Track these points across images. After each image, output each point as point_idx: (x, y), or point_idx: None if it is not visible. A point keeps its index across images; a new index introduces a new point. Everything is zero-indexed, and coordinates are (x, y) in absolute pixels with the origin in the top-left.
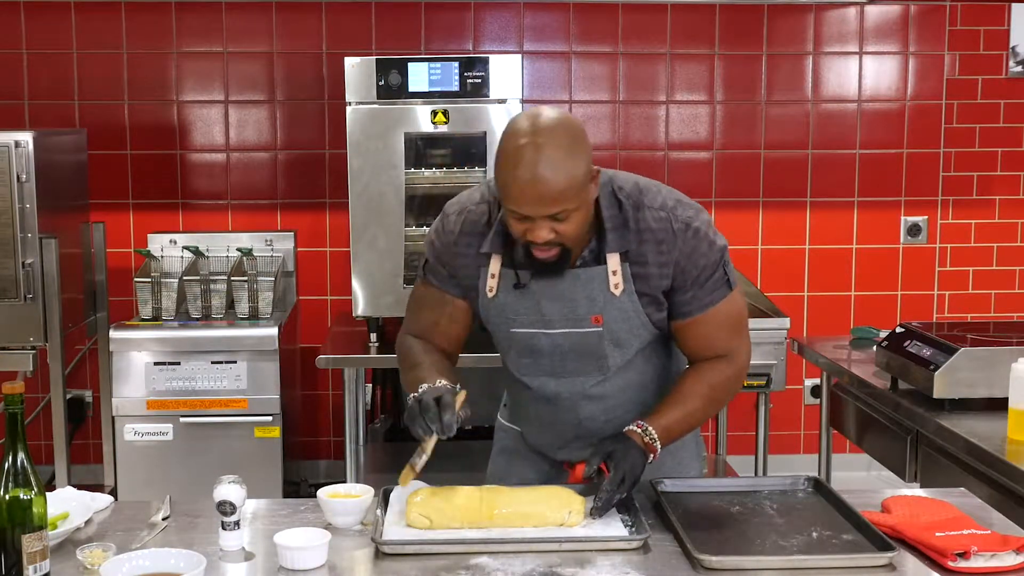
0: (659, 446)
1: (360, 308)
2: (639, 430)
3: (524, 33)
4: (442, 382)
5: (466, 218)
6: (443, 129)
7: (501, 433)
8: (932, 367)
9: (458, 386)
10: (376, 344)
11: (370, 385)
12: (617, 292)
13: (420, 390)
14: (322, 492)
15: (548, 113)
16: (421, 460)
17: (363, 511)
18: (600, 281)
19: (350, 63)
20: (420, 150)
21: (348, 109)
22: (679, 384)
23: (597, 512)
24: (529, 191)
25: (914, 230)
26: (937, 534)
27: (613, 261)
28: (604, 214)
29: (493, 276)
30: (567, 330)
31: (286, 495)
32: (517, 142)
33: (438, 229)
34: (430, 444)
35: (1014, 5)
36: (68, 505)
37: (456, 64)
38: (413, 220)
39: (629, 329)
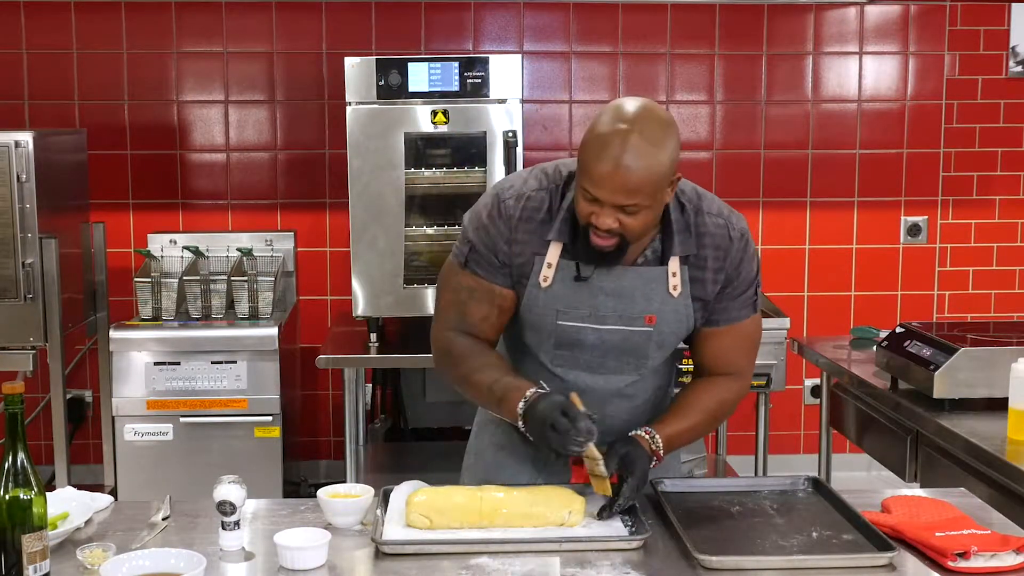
0: (662, 454)
1: (360, 308)
2: (647, 436)
3: (524, 33)
4: (532, 389)
5: (526, 204)
6: (443, 129)
7: (490, 427)
8: (932, 367)
9: (543, 385)
10: (376, 344)
11: (370, 385)
12: (675, 294)
13: (522, 405)
14: (322, 492)
15: (649, 105)
16: (601, 465)
17: (363, 511)
18: (660, 282)
19: (350, 63)
20: (420, 150)
21: (348, 109)
22: (688, 395)
23: (607, 514)
24: (610, 177)
25: (914, 230)
26: (937, 534)
27: (674, 263)
28: (672, 216)
29: (550, 265)
30: (618, 327)
31: (286, 495)
32: (615, 125)
33: (491, 215)
34: (593, 450)
35: (1014, 5)
36: (68, 505)
37: (456, 64)
38: (413, 220)
39: (676, 332)
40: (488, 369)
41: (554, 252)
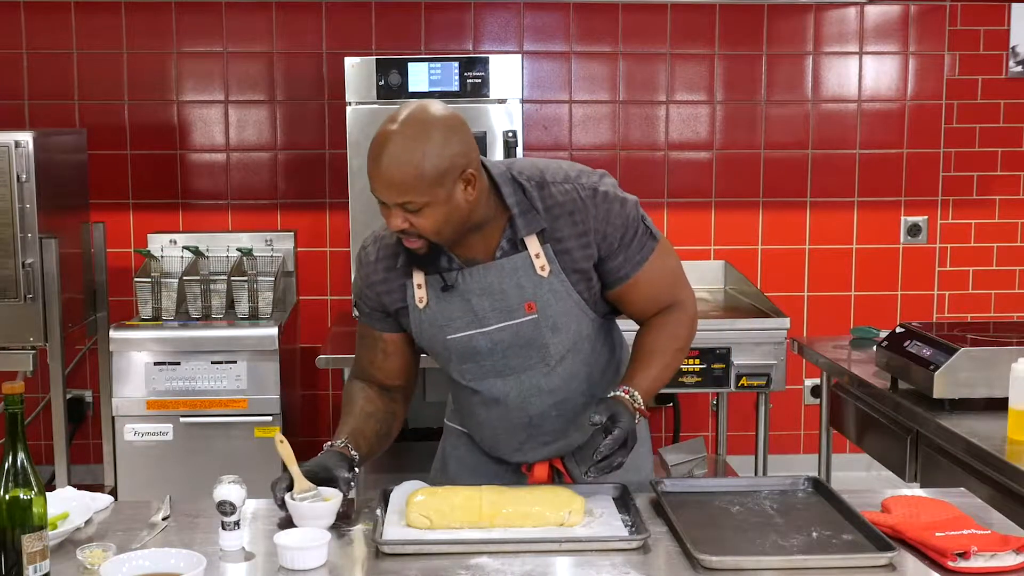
0: (644, 407)
1: None
2: (626, 395)
3: (524, 33)
4: (340, 443)
5: (381, 244)
6: None
7: (452, 439)
8: (932, 367)
9: (353, 452)
10: None
11: None
12: (544, 274)
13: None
14: (288, 496)
15: (423, 105)
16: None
17: (333, 515)
18: (525, 267)
19: (350, 63)
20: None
21: (348, 109)
22: (640, 344)
23: (594, 470)
24: (378, 177)
25: (914, 230)
26: (937, 534)
27: (533, 244)
28: (508, 201)
29: (420, 287)
30: (502, 324)
31: None
32: (384, 128)
33: (358, 264)
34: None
35: (1014, 5)
36: (68, 505)
37: (456, 64)
38: None
39: (564, 311)
40: (341, 420)
41: (418, 275)
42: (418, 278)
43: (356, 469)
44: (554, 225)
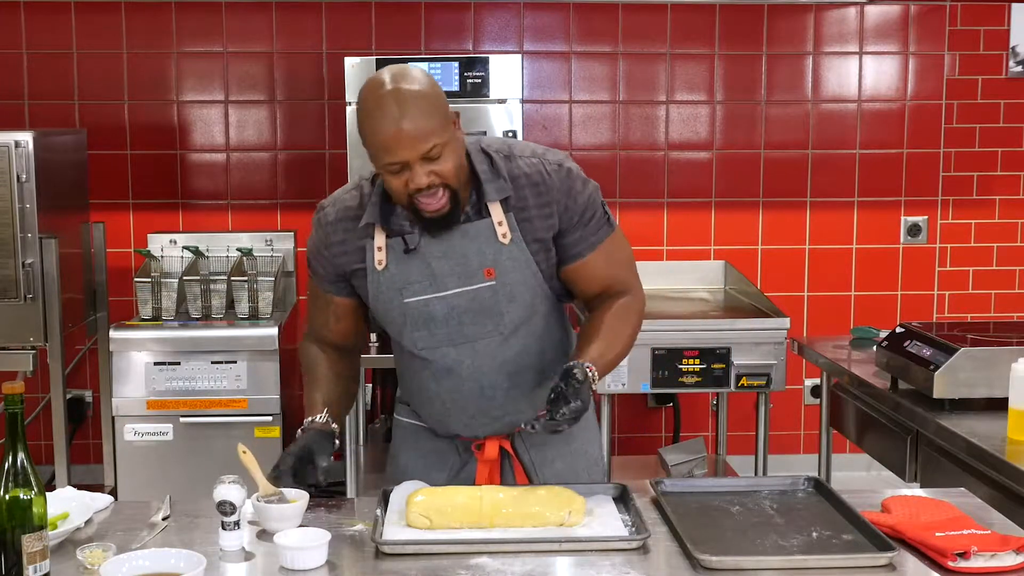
0: (598, 377)
1: None
2: (579, 365)
3: (524, 33)
4: (321, 418)
5: (340, 206)
6: None
7: (400, 432)
8: (932, 367)
9: (333, 425)
10: (376, 344)
11: (370, 385)
12: (506, 241)
13: (302, 429)
14: (254, 497)
15: (396, 67)
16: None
17: (299, 516)
18: (488, 233)
19: (350, 63)
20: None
21: (348, 109)
22: (592, 321)
23: (540, 426)
24: (397, 136)
25: (914, 230)
26: (937, 534)
27: (496, 212)
28: (477, 169)
29: (380, 248)
30: (461, 289)
31: None
32: (376, 94)
33: (315, 226)
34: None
35: (1014, 5)
36: (68, 505)
37: (456, 64)
38: None
39: (522, 280)
40: (311, 385)
41: (380, 236)
42: (379, 240)
43: (337, 442)
44: (519, 195)
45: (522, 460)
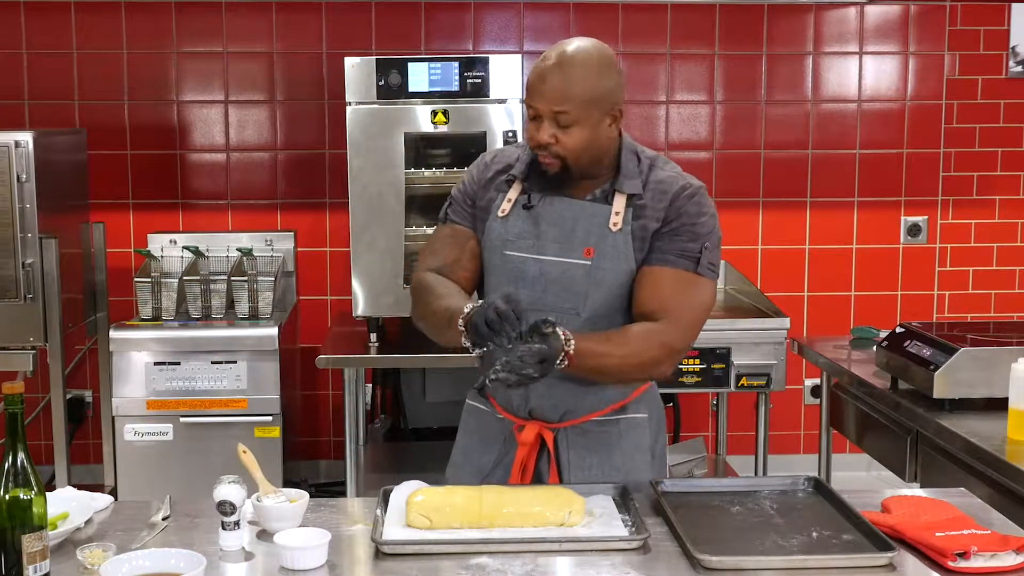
0: (567, 362)
1: (360, 308)
2: (563, 335)
3: (524, 33)
4: (480, 301)
5: (500, 156)
6: (443, 129)
7: (466, 415)
8: (932, 367)
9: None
10: (376, 344)
11: (370, 385)
12: (614, 229)
13: (465, 314)
14: (254, 497)
15: (593, 41)
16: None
17: (299, 516)
18: (602, 217)
19: (350, 63)
20: (420, 150)
21: (348, 109)
22: (614, 330)
23: (496, 375)
24: (540, 83)
25: (914, 230)
26: (937, 534)
27: (619, 203)
28: (623, 162)
29: (509, 200)
30: (557, 258)
31: None
32: (557, 48)
33: (473, 168)
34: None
35: (1014, 5)
36: (68, 505)
37: (456, 64)
38: (413, 220)
39: (615, 270)
40: (449, 297)
41: (515, 190)
42: (512, 192)
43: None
44: (646, 195)
45: (559, 457)
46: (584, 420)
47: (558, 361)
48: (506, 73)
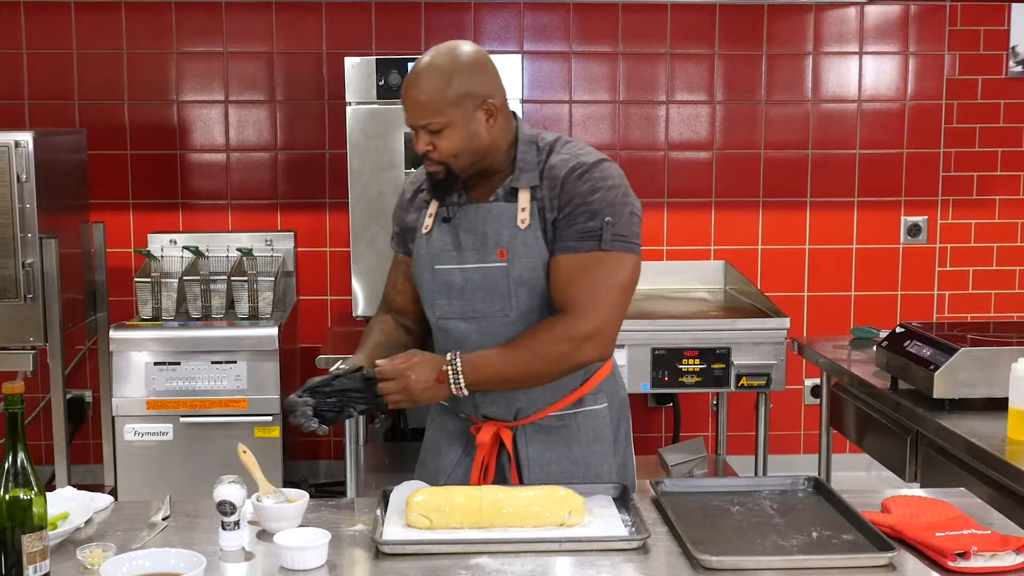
0: (463, 384)
1: (360, 308)
2: (447, 367)
3: (524, 33)
4: (338, 367)
5: (416, 176)
6: None
7: (433, 411)
8: (932, 367)
9: (361, 366)
10: None
11: None
12: (523, 226)
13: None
14: (254, 497)
15: (455, 41)
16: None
17: (299, 516)
18: (509, 216)
19: (350, 63)
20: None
21: (348, 109)
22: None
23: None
24: (405, 99)
25: (914, 230)
26: (937, 534)
27: (523, 198)
28: (519, 156)
29: (430, 216)
30: (476, 264)
31: None
32: (417, 61)
33: (401, 191)
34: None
35: (1014, 5)
36: (68, 505)
37: None
38: None
39: (532, 267)
40: (362, 343)
41: (433, 205)
42: (432, 208)
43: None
44: (542, 185)
45: (519, 455)
46: (541, 416)
47: (452, 381)
48: (506, 73)
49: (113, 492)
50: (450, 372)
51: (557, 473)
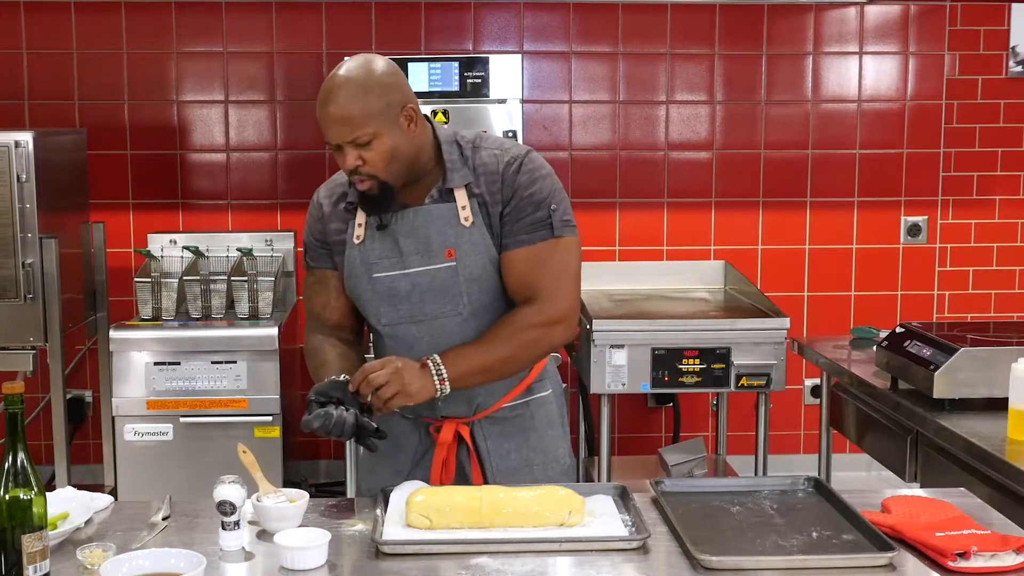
0: (447, 376)
1: None
2: (429, 361)
3: (524, 33)
4: (343, 377)
5: (332, 190)
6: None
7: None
8: (932, 367)
9: (344, 377)
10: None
11: None
12: (467, 224)
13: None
14: (254, 497)
15: (362, 56)
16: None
17: (299, 516)
18: (451, 216)
19: None
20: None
21: None
22: (493, 324)
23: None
24: (325, 118)
25: (914, 230)
26: (937, 534)
27: (461, 196)
28: (445, 156)
29: (360, 225)
30: (423, 268)
31: None
32: (327, 79)
33: (310, 210)
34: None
35: (1014, 5)
36: (68, 505)
37: (456, 64)
38: None
39: (480, 264)
40: (319, 367)
41: (361, 215)
42: (360, 217)
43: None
44: (478, 182)
45: (478, 448)
46: (496, 408)
47: (438, 392)
48: (506, 73)
49: (113, 492)
50: (432, 368)
51: (517, 461)
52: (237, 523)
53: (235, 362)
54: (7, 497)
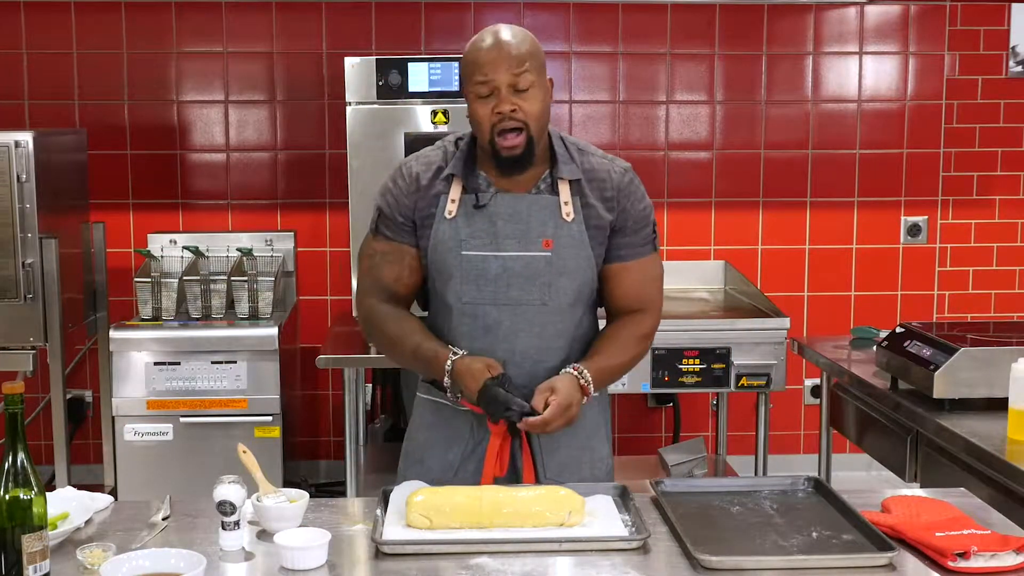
0: (592, 389)
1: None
2: (575, 372)
3: None
4: (458, 351)
5: (425, 161)
6: (443, 129)
7: (420, 408)
8: (932, 367)
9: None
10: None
11: (370, 385)
12: (568, 219)
13: (448, 365)
14: (254, 497)
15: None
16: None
17: (299, 516)
18: (553, 208)
19: (350, 63)
20: (420, 150)
21: (348, 109)
22: (609, 334)
23: (531, 428)
24: (495, 51)
25: (914, 230)
26: (937, 534)
27: (565, 191)
28: (555, 149)
29: (453, 201)
30: (518, 253)
31: None
32: (485, 29)
33: (395, 179)
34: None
35: (1014, 5)
36: (68, 505)
37: (456, 64)
38: None
39: (575, 258)
40: (411, 335)
41: (456, 189)
42: (455, 192)
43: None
44: (590, 185)
45: (531, 443)
46: None
47: (584, 400)
48: None
49: (113, 492)
50: (589, 388)
51: (567, 457)
52: (237, 523)
53: (235, 362)
54: (7, 497)
